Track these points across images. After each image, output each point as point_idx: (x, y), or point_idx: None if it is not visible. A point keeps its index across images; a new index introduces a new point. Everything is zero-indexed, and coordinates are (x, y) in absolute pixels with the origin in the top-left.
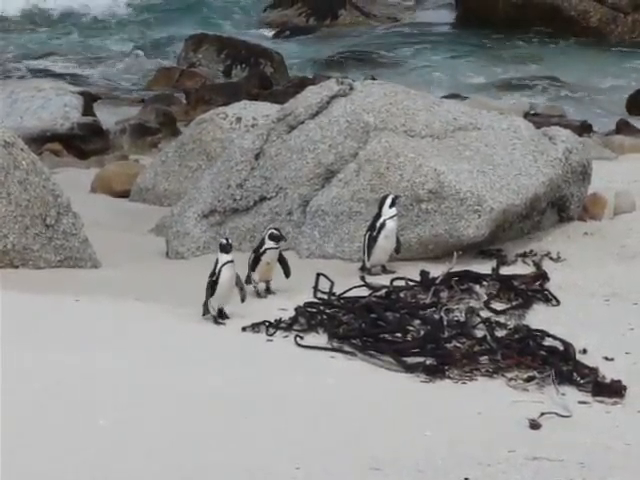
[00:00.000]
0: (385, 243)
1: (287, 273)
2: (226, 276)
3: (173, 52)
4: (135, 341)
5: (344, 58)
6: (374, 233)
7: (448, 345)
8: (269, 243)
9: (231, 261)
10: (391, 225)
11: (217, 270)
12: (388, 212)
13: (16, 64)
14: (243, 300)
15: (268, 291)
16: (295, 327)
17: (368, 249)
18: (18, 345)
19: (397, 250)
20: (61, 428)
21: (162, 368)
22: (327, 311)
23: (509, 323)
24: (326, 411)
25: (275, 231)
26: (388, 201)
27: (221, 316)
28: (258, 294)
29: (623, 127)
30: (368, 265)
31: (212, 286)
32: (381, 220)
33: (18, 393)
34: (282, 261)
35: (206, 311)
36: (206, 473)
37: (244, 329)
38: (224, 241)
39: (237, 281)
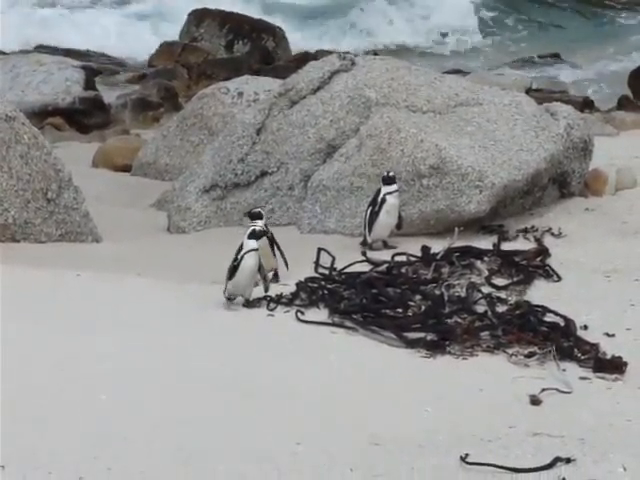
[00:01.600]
0: (386, 218)
1: (286, 263)
2: (248, 264)
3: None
4: (136, 317)
5: None
6: (375, 208)
7: (449, 321)
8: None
9: (256, 249)
10: (392, 201)
11: (239, 256)
12: (386, 188)
13: None
14: (267, 290)
15: (275, 277)
16: (296, 302)
17: (369, 224)
18: (19, 320)
19: (399, 226)
20: (63, 402)
21: (162, 345)
22: (328, 286)
23: (510, 299)
24: (327, 387)
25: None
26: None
27: (230, 300)
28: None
29: (625, 103)
30: (369, 240)
31: (232, 271)
32: (381, 195)
33: (20, 368)
34: (277, 248)
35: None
36: (206, 452)
37: (246, 304)
38: (256, 228)
39: (260, 270)
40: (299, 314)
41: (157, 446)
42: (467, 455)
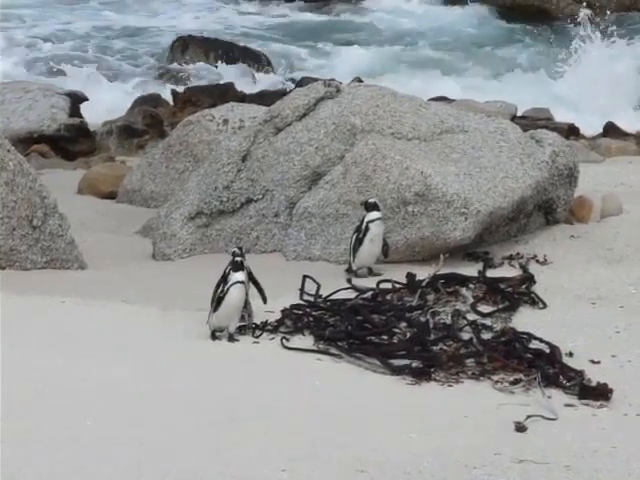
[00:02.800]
0: (370, 246)
1: (263, 298)
2: (234, 297)
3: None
4: (121, 344)
5: None
6: (360, 235)
7: (434, 347)
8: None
9: (242, 281)
10: (375, 229)
11: (225, 288)
12: (370, 216)
13: None
14: (249, 327)
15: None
16: (281, 329)
17: (354, 251)
18: (3, 346)
19: (385, 253)
20: (47, 428)
21: (147, 369)
22: (313, 313)
23: (495, 326)
24: (312, 413)
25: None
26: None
27: (215, 336)
28: (214, 335)
29: (610, 130)
30: (354, 267)
31: (217, 303)
32: (365, 223)
33: (3, 393)
34: (254, 282)
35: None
36: (194, 475)
37: (230, 339)
38: (237, 259)
39: (246, 305)
40: (284, 341)
41: (141, 472)
42: None
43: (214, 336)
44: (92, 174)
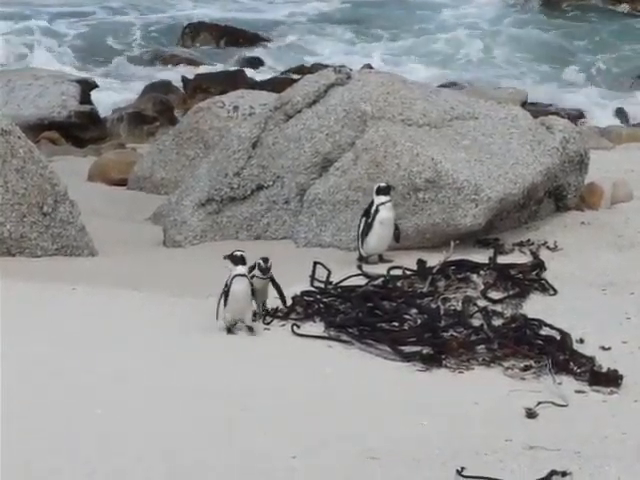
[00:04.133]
0: (381, 230)
1: (283, 301)
2: (237, 288)
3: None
4: (131, 331)
5: None
6: (369, 219)
7: (445, 334)
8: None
9: (243, 274)
10: (385, 212)
11: (227, 282)
12: (379, 199)
13: None
14: (259, 317)
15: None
16: (292, 316)
17: (362, 236)
18: (14, 334)
19: (397, 238)
20: (59, 417)
21: (158, 358)
22: (324, 300)
23: (506, 312)
24: (323, 400)
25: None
26: (375, 189)
27: (231, 331)
28: (229, 330)
29: (620, 116)
30: (363, 253)
31: (224, 298)
32: (374, 207)
33: (15, 382)
34: (276, 286)
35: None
36: (203, 464)
37: (249, 331)
38: (237, 253)
39: (255, 296)
40: (295, 328)
41: (154, 461)
42: (463, 469)
43: (229, 331)
44: (102, 161)
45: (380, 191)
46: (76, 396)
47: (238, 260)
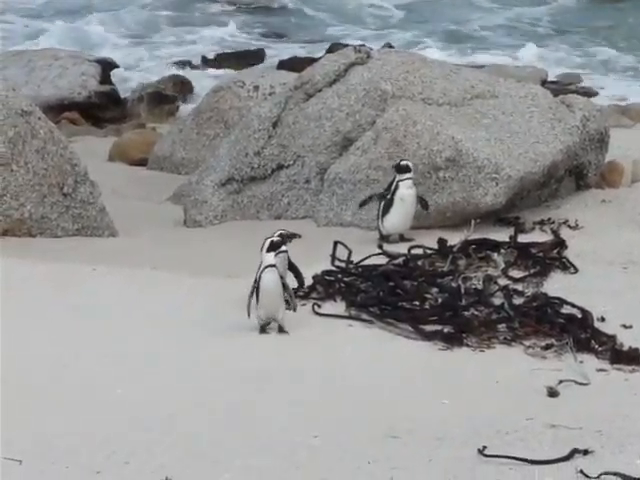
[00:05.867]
0: (401, 206)
1: (300, 283)
2: (268, 282)
3: None
4: (151, 311)
5: None
6: (388, 196)
7: (466, 313)
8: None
9: (273, 264)
10: (405, 189)
11: (257, 276)
12: (400, 176)
13: None
14: (294, 309)
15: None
16: (313, 295)
17: (382, 214)
18: (36, 314)
19: (424, 206)
20: (79, 397)
21: (177, 338)
22: (345, 279)
23: (527, 291)
24: (344, 379)
25: (276, 237)
26: (395, 167)
27: (264, 330)
28: (263, 329)
29: None
30: (384, 232)
31: (255, 294)
32: (395, 182)
33: (36, 362)
34: (293, 269)
35: (249, 314)
36: (223, 443)
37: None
38: (273, 238)
39: (285, 287)
40: (316, 307)
41: (173, 440)
42: (485, 447)
43: (263, 329)
44: (123, 141)
45: (400, 169)
46: (95, 376)
47: (272, 247)
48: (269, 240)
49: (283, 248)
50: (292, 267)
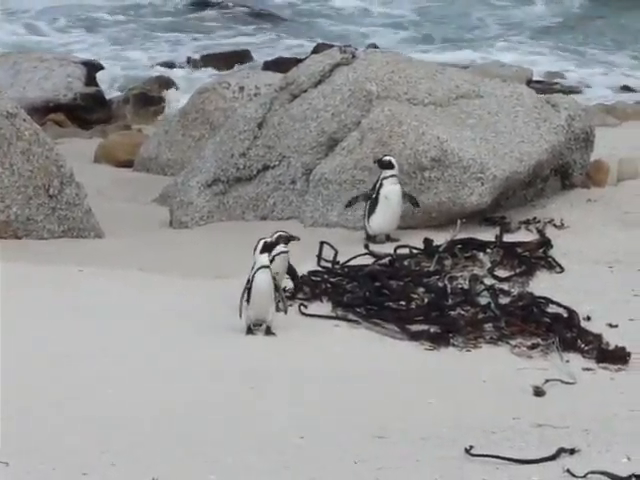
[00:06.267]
0: (386, 205)
1: (296, 284)
2: (262, 282)
3: None
4: (138, 311)
5: None
6: (374, 194)
7: (452, 313)
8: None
9: (267, 265)
10: (390, 186)
11: (250, 276)
12: (384, 173)
13: None
14: (285, 312)
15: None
16: (299, 296)
17: (368, 213)
18: (22, 316)
19: (415, 204)
20: (66, 398)
21: (166, 338)
22: (331, 279)
23: (513, 290)
24: (331, 379)
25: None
26: (378, 163)
27: (251, 331)
28: (250, 329)
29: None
30: (370, 231)
31: (247, 294)
32: (379, 180)
33: (22, 364)
34: (290, 271)
35: (240, 315)
36: (211, 444)
37: (267, 331)
38: (267, 239)
39: (277, 289)
40: (302, 307)
41: (162, 440)
42: (471, 447)
43: (250, 330)
44: (108, 143)
45: (383, 164)
46: (85, 376)
47: (265, 248)
48: (263, 241)
49: (284, 249)
50: (290, 270)
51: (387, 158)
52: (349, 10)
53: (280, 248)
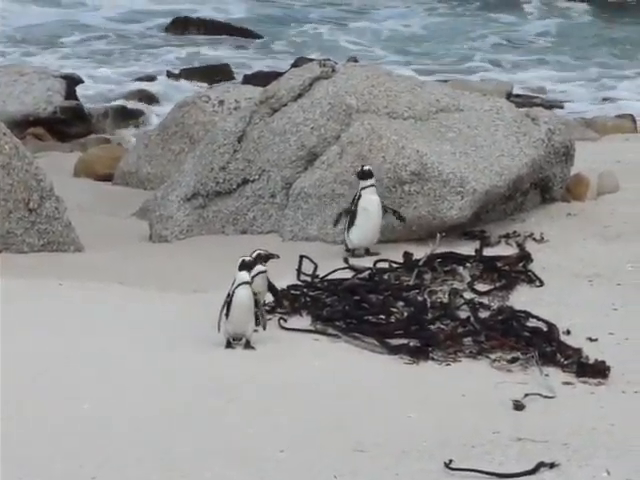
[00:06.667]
0: (366, 216)
1: (278, 301)
2: (242, 298)
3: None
4: (118, 324)
5: None
6: (352, 206)
7: (432, 327)
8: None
9: (248, 282)
10: (368, 196)
11: (231, 291)
12: (362, 183)
13: None
14: (264, 327)
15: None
16: (279, 310)
17: (348, 226)
18: (1, 329)
19: (400, 218)
20: (46, 411)
21: (145, 351)
22: (310, 293)
23: (493, 304)
24: (310, 393)
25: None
26: (357, 174)
27: (230, 345)
28: (229, 343)
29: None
30: (350, 245)
31: (227, 309)
32: (357, 193)
33: (3, 378)
34: (272, 289)
35: (219, 329)
36: (191, 459)
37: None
38: (246, 258)
39: (257, 305)
40: (282, 321)
41: (142, 453)
42: (451, 461)
43: (229, 344)
44: (88, 156)
45: (363, 174)
46: (63, 390)
47: (244, 266)
48: (241, 259)
49: (262, 269)
50: (271, 288)
51: (367, 167)
52: (328, 25)
53: (259, 268)
